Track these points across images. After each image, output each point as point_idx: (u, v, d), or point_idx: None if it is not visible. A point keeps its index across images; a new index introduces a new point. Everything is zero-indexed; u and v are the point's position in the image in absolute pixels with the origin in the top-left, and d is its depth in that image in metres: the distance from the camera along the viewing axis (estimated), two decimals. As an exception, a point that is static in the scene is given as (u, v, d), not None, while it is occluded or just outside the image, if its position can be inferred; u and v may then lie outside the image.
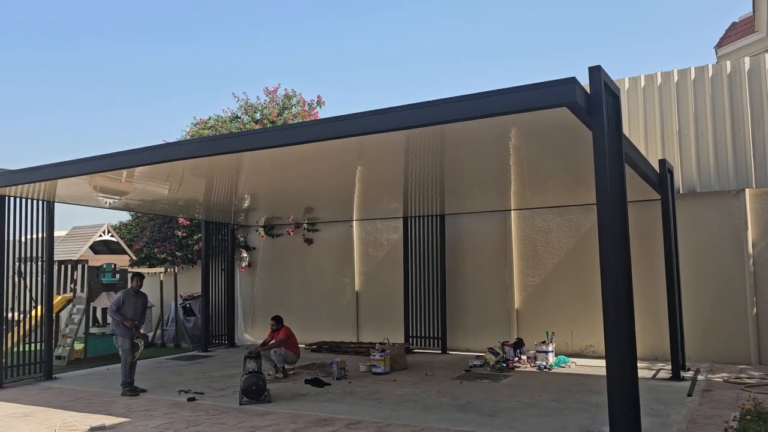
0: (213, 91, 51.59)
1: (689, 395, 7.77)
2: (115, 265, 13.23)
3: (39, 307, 10.71)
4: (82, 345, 12.29)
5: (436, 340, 12.45)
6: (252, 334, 15.12)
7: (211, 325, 13.95)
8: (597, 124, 5.40)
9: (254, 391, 8.00)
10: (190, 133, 15.57)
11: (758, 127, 10.15)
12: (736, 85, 10.34)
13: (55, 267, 12.57)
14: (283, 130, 7.22)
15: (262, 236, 14.98)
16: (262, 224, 14.95)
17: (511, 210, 12.15)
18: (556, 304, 11.64)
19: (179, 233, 15.02)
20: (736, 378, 8.85)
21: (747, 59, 10.42)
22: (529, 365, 10.42)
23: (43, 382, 10.19)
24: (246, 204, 12.29)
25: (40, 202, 10.61)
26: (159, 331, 14.98)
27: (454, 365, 10.75)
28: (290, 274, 14.79)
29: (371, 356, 10.19)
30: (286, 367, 10.10)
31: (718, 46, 20.72)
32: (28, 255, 10.41)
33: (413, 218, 12.95)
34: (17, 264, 10.24)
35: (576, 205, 11.58)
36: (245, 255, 15.15)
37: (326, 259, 14.32)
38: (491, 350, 10.87)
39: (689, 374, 9.17)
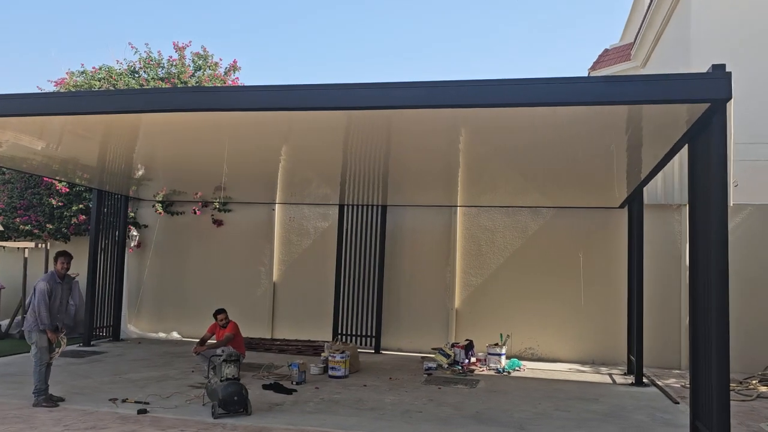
0: (93, 39, 44.06)
1: (676, 403, 7.91)
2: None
3: None
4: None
5: (369, 339, 11.61)
6: (137, 325, 12.97)
7: (94, 314, 11.65)
8: (718, 127, 5.07)
9: (236, 402, 6.59)
10: (74, 84, 12.92)
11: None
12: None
13: None
14: (226, 93, 6.17)
15: (160, 213, 12.90)
16: (160, 199, 12.88)
17: (457, 206, 11.73)
18: (497, 305, 11.44)
19: (53, 201, 12.36)
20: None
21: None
22: (485, 368, 10.06)
23: None
24: (141, 173, 10.41)
25: None
26: (15, 320, 12.22)
27: (403, 367, 10.03)
28: (191, 259, 12.93)
29: (330, 357, 9.09)
30: (232, 369, 8.61)
31: (592, 69, 22.27)
32: None
33: (350, 206, 11.96)
34: None
35: (524, 207, 11.49)
36: (135, 233, 12.93)
37: (238, 245, 12.74)
38: (441, 351, 10.35)
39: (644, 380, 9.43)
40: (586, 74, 21.38)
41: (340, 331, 11.77)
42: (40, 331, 6.98)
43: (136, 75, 13.13)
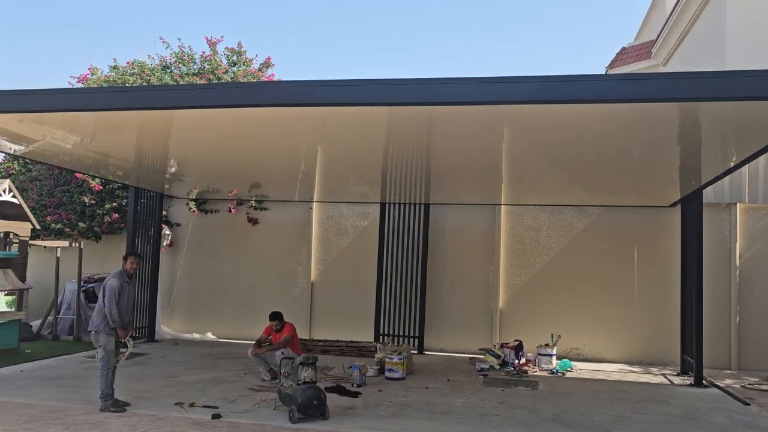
0: (121, 34, 43.45)
1: (747, 404, 7.78)
2: (12, 234, 10.20)
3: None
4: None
5: (411, 339, 11.42)
6: (170, 326, 12.73)
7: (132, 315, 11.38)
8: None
9: (315, 407, 6.39)
10: (106, 80, 12.64)
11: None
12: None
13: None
14: (276, 87, 6.01)
15: (194, 211, 12.66)
16: (194, 197, 12.64)
17: (501, 205, 11.56)
18: (542, 305, 11.29)
19: (86, 199, 12.09)
20: (749, 385, 9.14)
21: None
22: (537, 369, 9.90)
23: (-56, 392, 7.35)
24: (177, 170, 10.20)
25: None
26: (48, 320, 11.94)
27: (454, 368, 9.86)
28: (225, 258, 12.69)
29: (387, 359, 8.89)
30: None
31: (610, 67, 22.17)
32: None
33: (392, 205, 11.76)
34: None
35: (569, 206, 11.34)
36: (168, 232, 12.69)
37: (275, 244, 12.51)
38: (491, 352, 10.19)
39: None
40: (603, 73, 21.34)
41: (381, 332, 11.58)
42: (107, 334, 6.74)
43: (168, 70, 12.86)
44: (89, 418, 6.40)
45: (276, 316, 8.65)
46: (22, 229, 10.23)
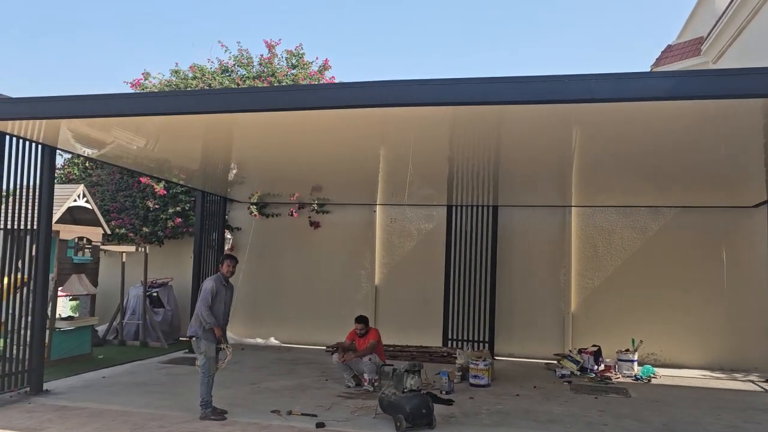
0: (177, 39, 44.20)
1: None
2: (85, 240, 10.18)
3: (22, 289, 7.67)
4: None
5: (481, 344, 11.18)
6: (233, 330, 12.59)
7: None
8: None
9: (423, 416, 6.21)
10: (167, 84, 12.62)
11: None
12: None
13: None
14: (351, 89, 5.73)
15: (255, 215, 12.58)
16: (254, 201, 12.56)
17: (571, 206, 11.30)
18: (615, 309, 11.00)
19: (150, 204, 12.07)
20: None
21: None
22: (620, 375, 9.62)
23: (35, 398, 7.30)
24: (240, 174, 10.15)
25: (40, 146, 7.65)
26: (113, 325, 11.92)
27: (532, 374, 9.64)
28: (287, 262, 12.58)
29: (471, 365, 8.69)
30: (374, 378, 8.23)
31: (655, 65, 21.73)
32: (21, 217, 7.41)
33: (459, 207, 11.56)
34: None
35: (643, 206, 11.05)
36: (229, 236, 12.62)
37: (337, 247, 12.37)
38: (569, 358, 9.93)
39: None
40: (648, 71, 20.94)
41: (449, 336, 11.37)
42: (208, 340, 6.62)
43: (228, 74, 12.80)
44: (192, 427, 6.29)
45: (362, 320, 8.51)
46: (95, 233, 10.21)
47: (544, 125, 6.11)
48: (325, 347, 11.62)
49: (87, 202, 10.21)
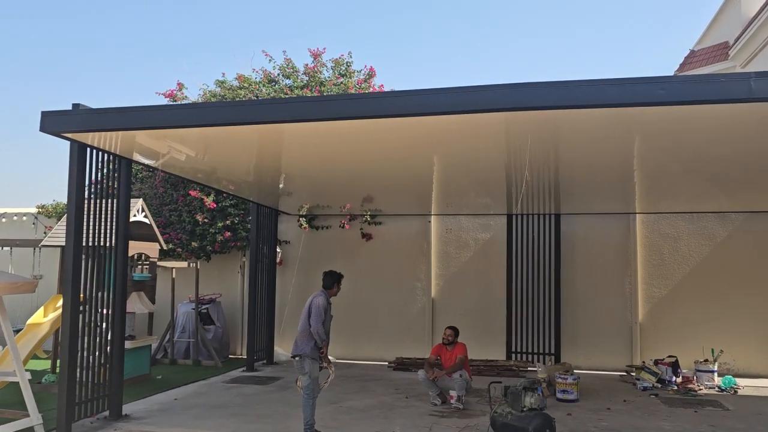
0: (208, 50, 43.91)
1: None
2: (144, 256, 9.84)
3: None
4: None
5: (546, 357, 10.88)
6: (283, 347, 12.26)
7: (254, 336, 10.97)
8: None
9: (547, 436, 5.88)
10: (213, 95, 12.32)
11: None
12: None
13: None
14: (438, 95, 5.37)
15: (305, 228, 12.25)
16: (303, 213, 12.24)
17: (635, 213, 11.04)
18: (684, 318, 10.72)
19: (199, 218, 11.73)
20: None
21: None
22: (702, 387, 9.32)
23: (117, 424, 6.94)
24: (290, 185, 9.85)
25: (117, 158, 7.34)
26: (162, 344, 11.54)
27: (608, 387, 9.31)
28: (338, 275, 12.21)
29: (559, 379, 8.37)
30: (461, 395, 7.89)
31: (679, 70, 21.62)
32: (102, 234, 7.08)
33: (519, 216, 11.28)
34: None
35: (710, 212, 10.80)
36: (278, 249, 12.28)
37: (391, 259, 12.05)
38: (646, 369, 9.63)
39: None
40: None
41: (513, 349, 11.06)
42: (313, 359, 6.30)
43: (274, 84, 12.53)
44: (300, 452, 5.94)
45: (453, 329, 8.20)
46: (152, 249, 9.87)
47: (603, 130, 5.85)
48: (387, 362, 11.30)
49: (145, 216, 9.86)
